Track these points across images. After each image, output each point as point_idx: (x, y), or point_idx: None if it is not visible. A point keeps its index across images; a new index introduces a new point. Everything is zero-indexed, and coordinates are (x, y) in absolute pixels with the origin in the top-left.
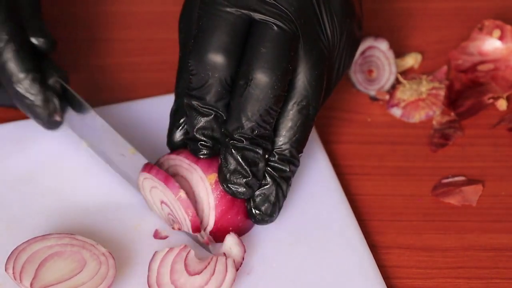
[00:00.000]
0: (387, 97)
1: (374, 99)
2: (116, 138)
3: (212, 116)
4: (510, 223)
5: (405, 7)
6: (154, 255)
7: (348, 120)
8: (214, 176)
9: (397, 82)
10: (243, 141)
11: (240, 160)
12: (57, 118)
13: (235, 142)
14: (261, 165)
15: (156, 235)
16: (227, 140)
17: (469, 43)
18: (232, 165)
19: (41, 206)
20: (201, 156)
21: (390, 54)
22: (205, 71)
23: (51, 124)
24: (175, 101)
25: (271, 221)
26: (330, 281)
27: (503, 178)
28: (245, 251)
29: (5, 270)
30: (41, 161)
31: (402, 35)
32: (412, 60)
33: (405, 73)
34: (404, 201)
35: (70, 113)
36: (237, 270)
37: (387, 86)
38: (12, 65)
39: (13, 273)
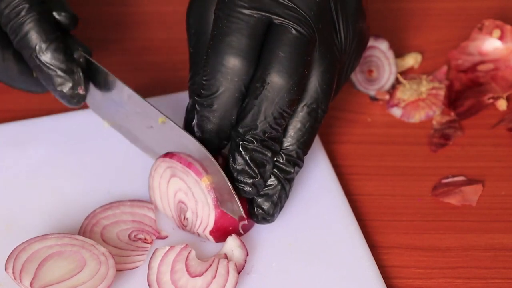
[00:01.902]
0: (387, 97)
1: (374, 99)
2: (145, 108)
3: (223, 122)
4: (510, 223)
5: (405, 7)
6: (154, 252)
7: (348, 120)
8: (207, 179)
9: (397, 82)
10: (254, 142)
11: (249, 161)
12: (80, 91)
13: (246, 143)
14: (268, 166)
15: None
16: (237, 140)
17: (469, 43)
18: (241, 165)
19: (41, 206)
20: None
21: (390, 54)
22: (225, 75)
23: (73, 97)
24: (191, 97)
25: (272, 220)
26: (330, 281)
27: (503, 178)
28: (247, 254)
29: (5, 269)
30: (41, 161)
31: (402, 35)
32: (412, 60)
33: (405, 73)
34: (404, 201)
35: (93, 92)
36: (239, 273)
37: (387, 86)
38: (35, 35)
39: (13, 272)
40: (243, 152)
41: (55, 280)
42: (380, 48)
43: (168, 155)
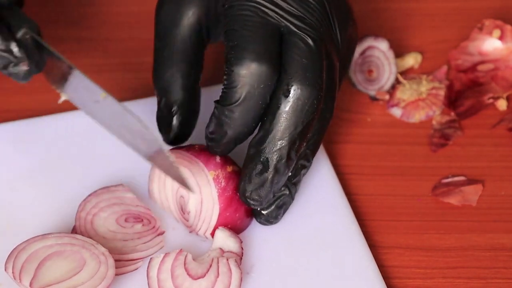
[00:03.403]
0: (387, 97)
1: (374, 99)
2: (87, 84)
3: (243, 129)
4: (510, 223)
5: (405, 7)
6: (150, 261)
7: (348, 120)
8: (211, 174)
9: (397, 82)
10: (275, 162)
11: (268, 185)
12: (24, 67)
13: (267, 163)
14: (283, 188)
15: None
16: (260, 157)
17: (469, 43)
18: (256, 185)
19: (41, 206)
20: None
21: (390, 54)
22: (250, 82)
23: (18, 74)
24: (159, 102)
25: (276, 222)
26: (330, 280)
27: (503, 178)
28: (241, 241)
29: (5, 269)
30: (41, 160)
31: (402, 35)
32: (412, 60)
33: (405, 73)
34: (404, 201)
35: (48, 64)
36: (240, 259)
37: (387, 86)
38: None
39: (12, 272)
40: (261, 175)
41: (55, 280)
42: (380, 48)
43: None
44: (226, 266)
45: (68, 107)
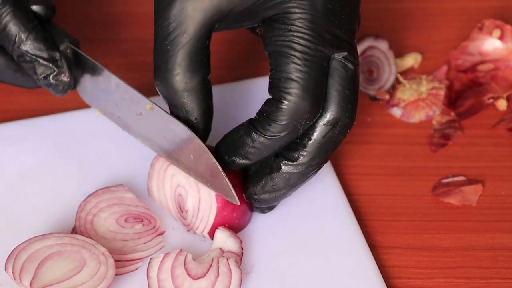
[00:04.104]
0: (387, 97)
1: (374, 99)
2: (132, 95)
3: (271, 154)
4: (510, 223)
5: (405, 7)
6: (150, 261)
7: None
8: None
9: (397, 82)
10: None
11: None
12: (64, 78)
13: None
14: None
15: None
16: (279, 172)
17: (469, 43)
18: (268, 192)
19: (41, 206)
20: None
21: (390, 54)
22: (296, 120)
23: (58, 85)
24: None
25: (270, 210)
26: (330, 281)
27: (503, 178)
28: (241, 241)
29: (5, 269)
30: (41, 161)
31: (402, 35)
32: (412, 60)
33: (405, 73)
34: (404, 201)
35: (83, 81)
36: (240, 259)
37: (387, 86)
38: (13, 27)
39: (12, 272)
40: (275, 186)
41: (55, 280)
42: (380, 48)
43: None
44: (226, 266)
45: (68, 107)
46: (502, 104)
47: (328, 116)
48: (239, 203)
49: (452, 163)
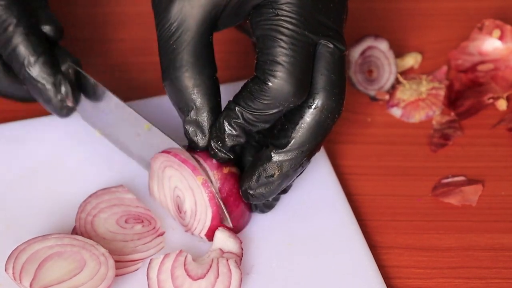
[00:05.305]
0: (387, 97)
1: (374, 99)
2: (130, 115)
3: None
4: (510, 223)
5: (405, 7)
6: (150, 262)
7: (348, 120)
8: (200, 179)
9: (397, 82)
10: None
11: (275, 189)
12: (69, 103)
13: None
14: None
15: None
16: (271, 161)
17: (469, 43)
18: (263, 185)
19: (41, 206)
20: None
21: (390, 54)
22: (282, 104)
23: (62, 109)
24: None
25: (270, 209)
26: (330, 281)
27: (503, 178)
28: (241, 242)
29: (5, 270)
30: (41, 161)
31: (402, 35)
32: (412, 60)
33: (405, 73)
34: (404, 201)
35: (84, 102)
36: (240, 259)
37: (387, 86)
38: (23, 49)
39: (13, 273)
40: (270, 177)
41: (55, 280)
42: (380, 48)
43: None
44: (226, 267)
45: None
46: (502, 104)
47: (315, 101)
48: (230, 225)
49: (452, 163)
